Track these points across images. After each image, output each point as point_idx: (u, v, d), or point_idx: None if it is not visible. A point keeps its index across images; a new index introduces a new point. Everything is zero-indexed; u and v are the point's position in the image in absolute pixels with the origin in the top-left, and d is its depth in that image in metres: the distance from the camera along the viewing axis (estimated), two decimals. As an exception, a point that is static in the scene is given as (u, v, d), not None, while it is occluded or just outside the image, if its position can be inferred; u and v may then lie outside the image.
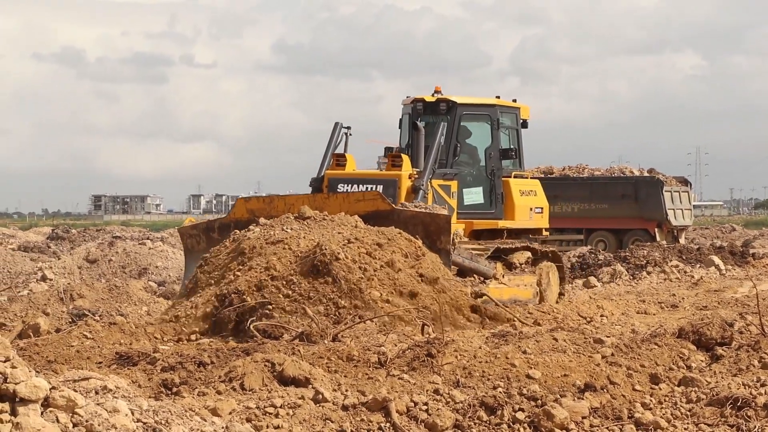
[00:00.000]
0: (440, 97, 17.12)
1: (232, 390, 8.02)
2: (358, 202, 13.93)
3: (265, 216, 13.95)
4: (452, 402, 7.83)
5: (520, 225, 17.55)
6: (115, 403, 6.00)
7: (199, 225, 15.46)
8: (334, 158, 16.48)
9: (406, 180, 15.54)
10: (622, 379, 8.43)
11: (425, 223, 13.57)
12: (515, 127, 17.81)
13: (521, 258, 16.15)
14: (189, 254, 15.36)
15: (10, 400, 5.41)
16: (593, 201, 35.53)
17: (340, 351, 9.24)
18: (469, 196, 16.93)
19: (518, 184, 17.57)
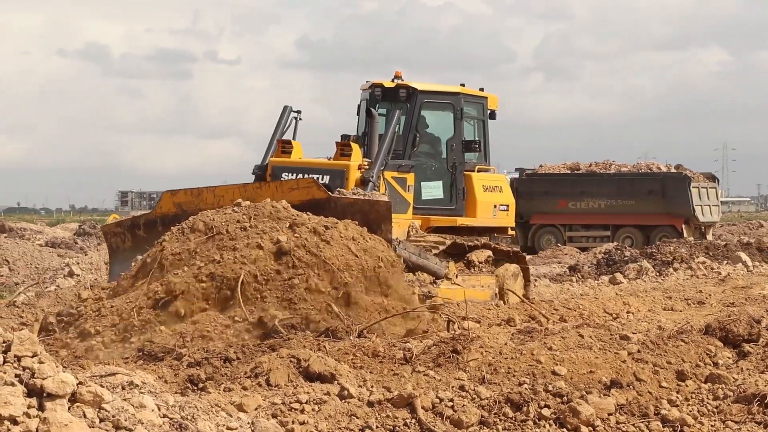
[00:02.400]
0: (400, 82, 16.08)
1: (257, 386, 8.04)
2: (291, 191, 12.80)
3: (193, 210, 12.91)
4: (478, 398, 7.82)
5: (482, 223, 16.47)
6: (141, 399, 6.02)
7: (124, 222, 14.30)
8: (280, 145, 15.40)
9: (355, 170, 14.42)
10: (648, 375, 8.40)
11: (364, 212, 12.45)
12: (482, 118, 16.77)
13: (480, 257, 15.03)
14: (114, 254, 14.23)
15: (37, 395, 5.44)
16: (620, 197, 35.42)
17: (365, 347, 9.24)
18: (428, 190, 15.94)
19: (482, 178, 16.48)
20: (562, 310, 13.83)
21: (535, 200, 36.60)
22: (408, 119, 15.63)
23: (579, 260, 26.39)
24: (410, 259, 13.20)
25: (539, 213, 36.65)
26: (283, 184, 13.05)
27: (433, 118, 16.41)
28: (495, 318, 13.04)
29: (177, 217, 12.94)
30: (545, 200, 36.53)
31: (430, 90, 16.18)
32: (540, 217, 36.69)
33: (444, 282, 13.86)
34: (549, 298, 16.35)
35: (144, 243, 13.06)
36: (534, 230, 36.92)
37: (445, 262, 14.08)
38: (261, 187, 13.30)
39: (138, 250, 13.07)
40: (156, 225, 13.41)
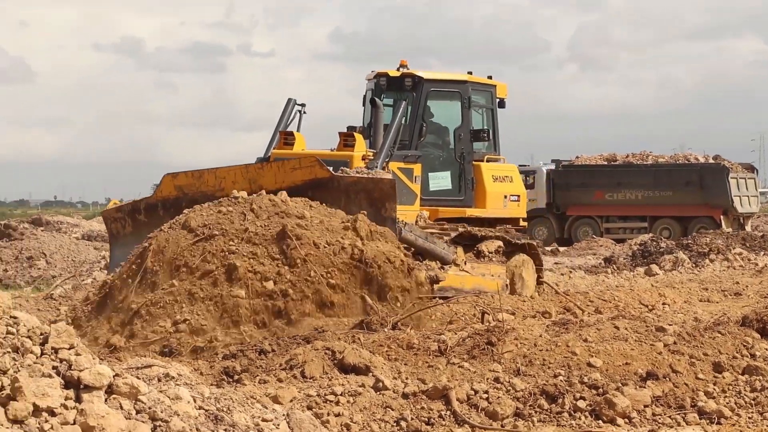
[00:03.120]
0: (405, 71, 15.59)
1: (292, 378, 8.06)
2: (294, 171, 12.45)
3: (194, 192, 12.82)
4: (513, 390, 7.81)
5: (492, 214, 15.98)
6: (177, 391, 6.05)
7: (124, 207, 13.83)
8: (282, 136, 14.97)
9: (359, 161, 13.95)
10: (684, 367, 8.35)
11: (368, 190, 12.14)
12: (490, 106, 16.28)
13: (491, 247, 14.64)
14: (114, 240, 13.92)
15: (74, 387, 5.47)
16: (657, 188, 35.20)
17: (400, 339, 9.24)
18: (436, 181, 15.43)
19: (491, 168, 16.00)
20: (597, 301, 13.77)
21: (572, 192, 36.45)
22: (414, 109, 15.21)
23: (614, 252, 26.28)
24: (416, 243, 12.85)
25: (576, 204, 36.50)
26: (285, 164, 12.62)
27: (440, 108, 15.99)
28: (530, 310, 12.99)
29: (178, 201, 12.82)
30: (582, 192, 36.37)
31: (437, 78, 15.74)
32: (576, 208, 36.54)
33: (452, 268, 13.49)
34: (584, 290, 16.27)
35: (145, 228, 12.82)
36: (570, 222, 36.78)
37: (453, 248, 13.70)
38: (263, 168, 12.94)
39: (139, 235, 12.85)
40: (157, 209, 13.15)
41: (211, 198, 12.40)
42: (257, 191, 12.12)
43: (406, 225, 12.59)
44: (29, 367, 5.46)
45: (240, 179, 12.58)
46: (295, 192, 12.03)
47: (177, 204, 12.69)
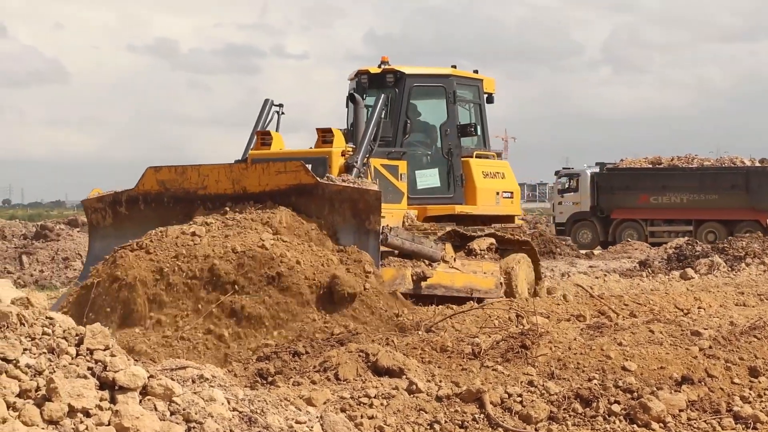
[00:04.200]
0: (387, 67, 15.02)
1: (326, 380, 8.06)
2: (278, 174, 12.00)
3: (176, 188, 12.53)
4: (547, 394, 7.78)
5: (485, 211, 15.43)
6: (211, 392, 6.07)
7: (105, 198, 13.33)
8: (259, 136, 14.48)
9: (338, 157, 13.40)
10: (720, 372, 8.30)
11: (353, 200, 11.67)
12: (477, 101, 15.79)
13: (482, 244, 14.17)
14: (94, 231, 13.50)
15: (109, 388, 5.50)
16: (703, 192, 34.93)
17: (433, 342, 9.23)
18: (423, 179, 14.88)
19: (481, 164, 15.50)
20: (632, 305, 13.70)
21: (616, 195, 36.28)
22: (397, 105, 14.64)
23: (649, 255, 26.15)
24: (403, 246, 12.52)
25: (620, 208, 36.32)
26: (270, 166, 12.12)
27: (425, 103, 15.50)
28: (564, 313, 12.95)
29: (160, 195, 12.59)
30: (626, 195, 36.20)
31: (419, 73, 15.17)
32: (621, 212, 36.35)
33: (441, 265, 13.11)
34: (619, 294, 16.19)
35: (126, 221, 12.68)
36: (615, 225, 36.58)
37: (441, 245, 13.22)
38: (247, 169, 12.51)
39: (119, 227, 12.77)
40: (138, 202, 12.85)
41: (193, 195, 12.30)
42: (240, 192, 12.03)
43: (391, 230, 12.25)
44: (65, 368, 5.49)
45: (223, 178, 12.28)
46: (278, 196, 11.83)
47: (159, 199, 12.56)
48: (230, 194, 12.12)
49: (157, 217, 12.37)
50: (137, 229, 12.34)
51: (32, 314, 5.88)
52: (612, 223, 36.62)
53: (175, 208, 12.39)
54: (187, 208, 12.30)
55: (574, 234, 38.06)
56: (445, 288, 13.01)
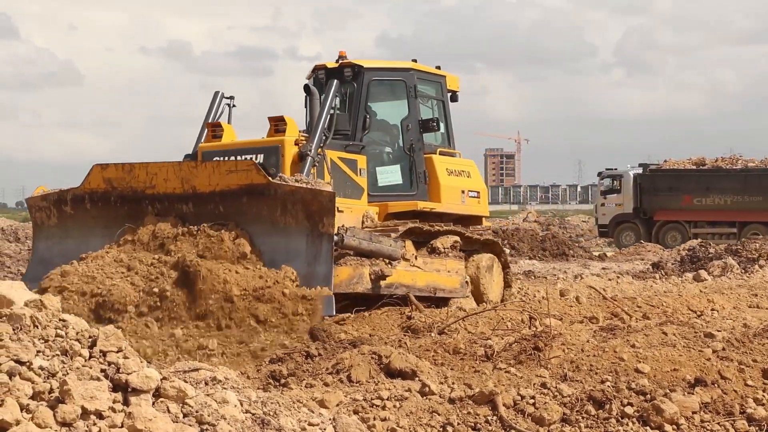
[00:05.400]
0: (344, 61, 14.51)
1: (339, 382, 8.06)
2: (229, 174, 11.45)
3: (124, 187, 11.96)
4: (560, 396, 7.77)
5: (449, 209, 14.82)
6: (224, 394, 6.07)
7: (50, 196, 12.73)
8: (209, 129, 13.89)
9: (291, 146, 12.85)
10: (733, 374, 8.28)
11: (306, 201, 11.10)
12: (440, 98, 15.28)
13: (446, 242, 13.65)
14: (38, 230, 12.89)
15: (122, 390, 5.51)
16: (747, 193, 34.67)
17: (446, 344, 9.23)
18: (384, 176, 14.33)
19: (445, 162, 14.94)
20: (645, 307, 13.68)
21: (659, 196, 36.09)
22: (356, 99, 14.14)
23: (662, 257, 26.12)
24: (361, 246, 11.95)
25: (663, 209, 36.12)
26: (221, 165, 11.71)
27: (384, 97, 14.98)
28: (577, 315, 12.94)
29: (107, 194, 12.08)
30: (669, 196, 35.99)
31: (378, 67, 14.69)
32: (664, 213, 36.15)
33: (401, 263, 12.62)
34: (632, 295, 16.17)
35: (70, 220, 12.27)
36: (658, 227, 36.37)
37: (401, 243, 12.63)
38: (197, 167, 11.87)
39: (64, 227, 12.39)
40: (84, 201, 12.29)
41: (141, 194, 11.86)
42: (190, 192, 11.60)
43: (347, 230, 11.70)
44: (78, 369, 5.50)
45: (172, 177, 11.76)
46: (229, 196, 11.42)
47: (105, 198, 12.09)
48: (179, 194, 11.67)
49: (103, 217, 12.03)
50: (83, 229, 12.07)
51: (45, 316, 5.89)
52: (655, 224, 36.38)
53: (123, 208, 11.97)
54: (134, 207, 11.88)
55: (617, 236, 37.84)
56: (407, 287, 12.61)
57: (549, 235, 33.54)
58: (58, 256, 12.09)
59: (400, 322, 11.59)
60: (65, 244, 12.10)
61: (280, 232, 11.16)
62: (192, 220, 11.56)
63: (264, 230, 11.23)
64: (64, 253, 12.00)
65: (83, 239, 11.95)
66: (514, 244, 31.50)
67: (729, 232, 34.18)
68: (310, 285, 10.79)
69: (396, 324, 11.55)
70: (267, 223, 11.22)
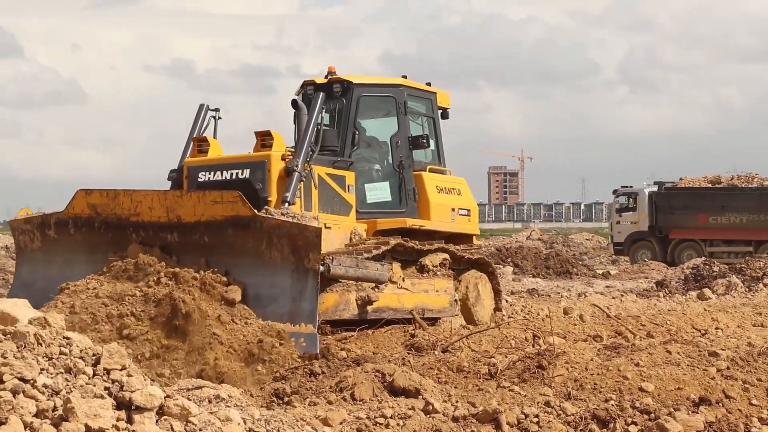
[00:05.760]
0: (333, 77, 14.21)
1: (342, 400, 8.05)
2: (215, 204, 11.19)
3: (108, 213, 11.74)
4: (563, 414, 7.76)
5: (439, 227, 14.55)
6: (227, 412, 6.07)
7: (33, 219, 12.46)
8: (195, 143, 13.66)
9: (278, 161, 12.61)
10: (738, 393, 8.27)
11: (291, 236, 10.88)
12: (431, 115, 15.06)
13: (434, 260, 13.46)
14: (21, 253, 12.62)
15: (126, 408, 5.50)
16: (762, 212, 34.49)
17: (450, 362, 9.22)
18: (373, 193, 14.11)
19: (435, 179, 14.68)
20: (649, 325, 13.68)
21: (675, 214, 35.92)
22: (345, 115, 13.90)
23: (666, 275, 26.09)
24: (348, 274, 11.74)
25: (679, 227, 35.94)
26: (206, 195, 11.42)
27: (374, 113, 14.77)
28: (581, 333, 12.93)
29: (91, 220, 11.87)
30: (685, 214, 35.82)
31: (367, 83, 14.44)
32: (679, 231, 35.97)
33: (388, 286, 12.44)
34: (636, 314, 16.16)
35: (54, 245, 12.06)
36: (674, 245, 36.20)
37: (388, 265, 12.44)
38: (182, 197, 11.61)
39: (48, 251, 12.20)
40: (68, 226, 12.04)
41: (125, 222, 11.67)
42: (174, 221, 11.41)
43: (333, 260, 11.44)
44: (81, 387, 5.50)
45: (157, 206, 11.52)
46: (215, 227, 11.21)
47: (89, 223, 11.86)
48: (164, 222, 11.47)
49: (87, 243, 11.85)
50: (67, 253, 11.89)
51: (49, 334, 5.90)
52: (671, 243, 36.24)
53: (106, 234, 11.77)
54: (118, 234, 11.66)
55: (633, 254, 37.72)
56: (394, 310, 12.51)
57: (553, 253, 33.52)
58: (41, 279, 11.91)
59: (404, 340, 11.60)
60: (48, 268, 11.90)
61: (265, 266, 10.95)
62: (177, 250, 11.43)
63: (249, 263, 11.02)
64: (47, 278, 11.79)
65: (66, 264, 11.78)
66: (518, 262, 31.49)
67: (745, 250, 33.98)
68: (294, 321, 10.56)
69: (399, 342, 11.55)
70: (252, 256, 11.02)
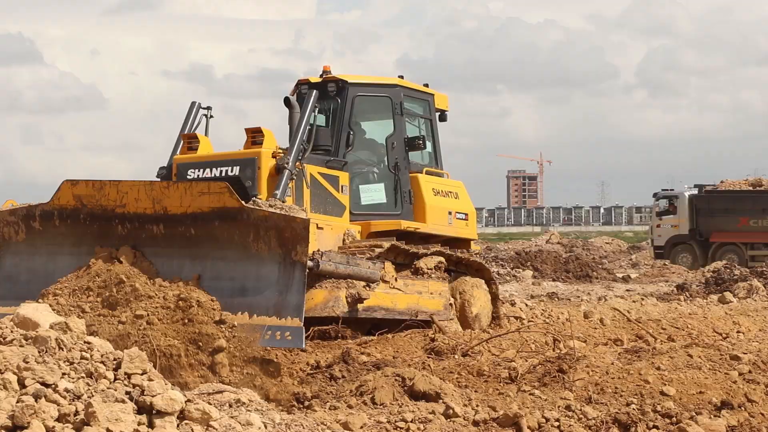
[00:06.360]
0: (328, 76, 14.00)
1: (363, 404, 8.05)
2: (201, 196, 10.95)
3: (94, 204, 11.48)
4: (584, 418, 7.74)
5: (435, 230, 14.29)
6: (248, 416, 6.07)
7: (18, 211, 12.22)
8: (185, 140, 13.37)
9: (268, 158, 12.43)
10: (760, 396, 8.23)
11: (279, 228, 10.60)
12: (428, 116, 14.79)
13: (429, 263, 13.20)
14: (6, 245, 12.29)
15: (147, 412, 5.51)
16: None
17: (470, 366, 9.21)
18: (368, 194, 13.87)
19: (431, 181, 14.40)
20: (670, 329, 13.62)
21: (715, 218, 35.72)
22: (340, 115, 13.66)
23: (687, 279, 26.02)
24: (338, 271, 11.41)
25: (719, 231, 35.73)
26: (193, 186, 11.17)
27: (369, 114, 14.45)
28: (601, 337, 12.90)
29: (76, 211, 11.59)
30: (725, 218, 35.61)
31: (363, 82, 14.15)
32: (720, 234, 35.76)
33: (380, 286, 12.15)
34: (656, 318, 16.10)
35: (39, 237, 11.80)
36: (714, 249, 36.00)
37: (380, 264, 12.09)
38: (169, 188, 11.31)
39: (33, 244, 11.93)
40: (53, 218, 11.79)
41: (111, 213, 11.46)
42: (161, 212, 11.17)
43: (323, 255, 11.21)
44: (103, 392, 5.51)
45: (143, 197, 11.23)
46: (201, 219, 10.96)
47: (75, 215, 11.59)
48: (150, 214, 11.22)
49: (72, 235, 11.63)
50: (51, 246, 11.71)
51: (70, 339, 5.91)
52: (711, 246, 36.07)
53: (92, 226, 11.52)
54: (104, 226, 11.42)
55: (674, 257, 37.57)
56: (386, 310, 12.33)
57: (572, 257, 33.45)
58: (25, 272, 11.79)
59: (424, 344, 11.57)
60: (33, 261, 11.64)
61: (251, 259, 10.70)
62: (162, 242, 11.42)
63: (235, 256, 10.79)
64: (32, 270, 11.72)
65: (51, 256, 11.70)
66: (537, 265, 31.44)
67: None
68: (280, 315, 10.28)
69: (419, 346, 11.53)
70: (239, 248, 10.77)
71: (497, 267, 31.17)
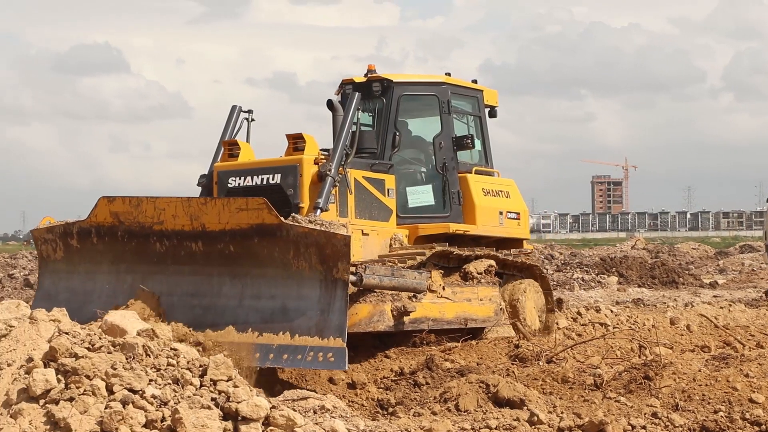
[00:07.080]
0: (372, 76, 13.55)
1: (447, 411, 8.04)
2: (240, 212, 10.65)
3: (131, 222, 11.29)
4: (671, 426, 7.65)
5: (486, 231, 13.83)
6: (332, 423, 6.10)
7: (56, 228, 11.98)
8: (225, 147, 13.10)
9: (310, 165, 12.04)
10: None
11: (319, 245, 10.24)
12: (477, 113, 14.33)
13: (479, 267, 12.79)
14: (44, 263, 12.13)
15: (232, 418, 5.56)
16: None
17: (554, 373, 9.15)
18: (416, 196, 13.41)
19: (480, 181, 13.91)
20: (758, 335, 13.41)
21: None
22: (385, 116, 13.25)
23: (776, 284, 25.59)
24: (382, 284, 11.12)
25: None
26: (231, 203, 10.86)
27: (415, 113, 14.04)
28: (688, 344, 12.74)
29: (113, 228, 11.37)
30: None
31: (408, 81, 13.72)
32: None
33: (427, 295, 11.80)
34: (744, 324, 15.86)
35: (77, 255, 11.63)
36: None
37: (427, 274, 11.75)
38: (206, 204, 11.02)
39: (70, 262, 11.75)
40: (90, 235, 11.57)
41: (149, 230, 11.22)
42: (199, 229, 10.91)
43: (366, 269, 10.88)
44: (189, 398, 5.57)
45: (181, 213, 10.99)
46: (240, 236, 10.66)
47: (112, 232, 11.38)
48: (188, 231, 10.96)
49: (110, 252, 11.43)
50: (89, 264, 11.54)
51: (157, 345, 5.98)
52: None
53: (130, 243, 11.32)
54: (142, 243, 11.24)
55: None
56: (434, 321, 11.99)
57: (658, 263, 33.05)
58: (64, 291, 11.59)
59: (508, 350, 11.52)
60: (71, 279, 11.48)
61: (292, 277, 10.39)
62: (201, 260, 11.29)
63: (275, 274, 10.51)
64: (71, 289, 11.52)
65: (90, 275, 11.68)
66: (623, 271, 31.14)
67: None
68: (322, 335, 9.95)
69: (503, 352, 11.49)
70: (278, 266, 10.49)
71: (581, 273, 30.94)
